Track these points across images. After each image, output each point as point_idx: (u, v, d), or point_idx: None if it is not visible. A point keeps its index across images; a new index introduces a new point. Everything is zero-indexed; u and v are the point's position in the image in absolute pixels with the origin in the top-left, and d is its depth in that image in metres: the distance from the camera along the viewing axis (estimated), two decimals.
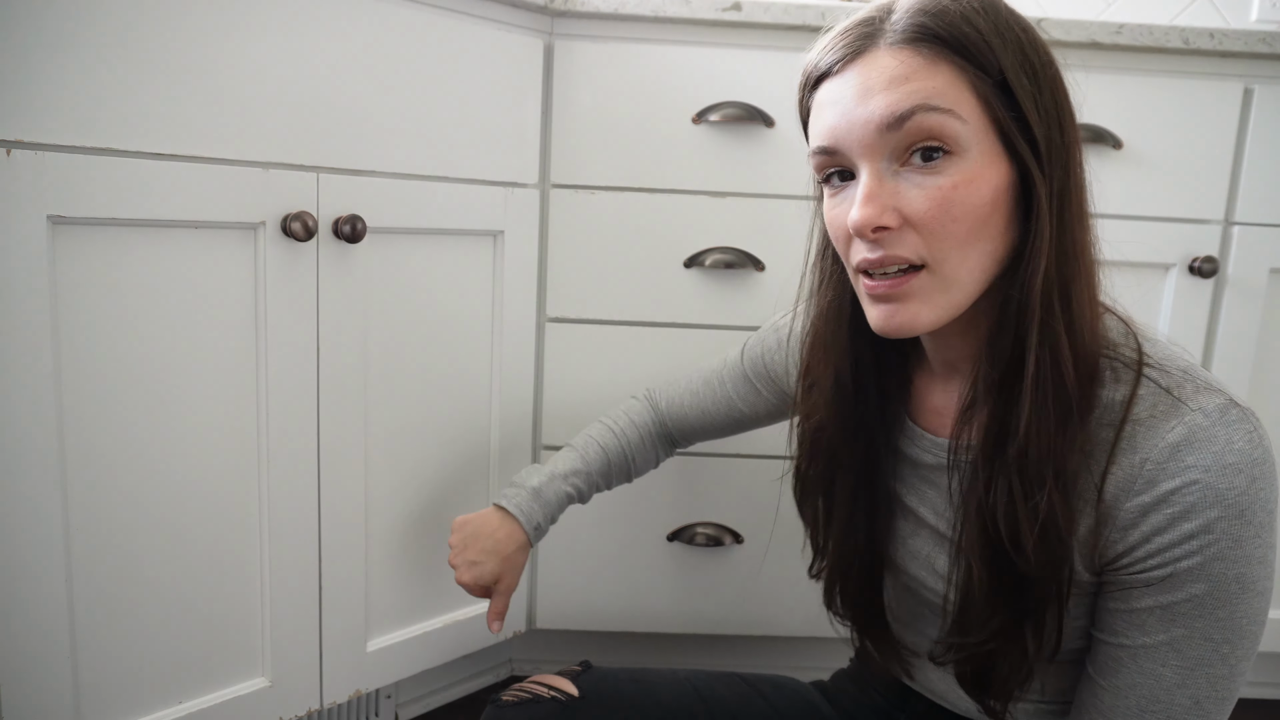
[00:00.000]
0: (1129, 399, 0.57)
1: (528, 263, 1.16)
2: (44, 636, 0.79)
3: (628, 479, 1.02)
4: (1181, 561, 0.55)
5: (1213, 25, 1.68)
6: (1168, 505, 0.55)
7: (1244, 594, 0.55)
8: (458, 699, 1.30)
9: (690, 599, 1.27)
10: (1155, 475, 0.55)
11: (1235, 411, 0.56)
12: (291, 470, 0.95)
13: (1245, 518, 0.54)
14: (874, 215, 0.56)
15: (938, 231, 0.56)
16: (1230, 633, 0.56)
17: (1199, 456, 0.54)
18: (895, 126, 0.55)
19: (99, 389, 0.81)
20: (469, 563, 0.92)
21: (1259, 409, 1.25)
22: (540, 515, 0.94)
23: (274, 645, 0.97)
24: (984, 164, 0.56)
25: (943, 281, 0.58)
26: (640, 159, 1.17)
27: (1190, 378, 0.58)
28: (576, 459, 0.97)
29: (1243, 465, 0.54)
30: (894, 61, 0.56)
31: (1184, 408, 0.56)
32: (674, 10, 1.13)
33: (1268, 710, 1.36)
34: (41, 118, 0.74)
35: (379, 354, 1.03)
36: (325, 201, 0.93)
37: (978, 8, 0.56)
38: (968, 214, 0.56)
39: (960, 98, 0.55)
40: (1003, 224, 0.57)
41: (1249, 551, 0.55)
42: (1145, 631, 0.58)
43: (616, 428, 1.00)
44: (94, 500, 0.82)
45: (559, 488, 0.95)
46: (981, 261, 0.58)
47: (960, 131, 0.55)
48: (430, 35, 1.00)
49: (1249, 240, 1.22)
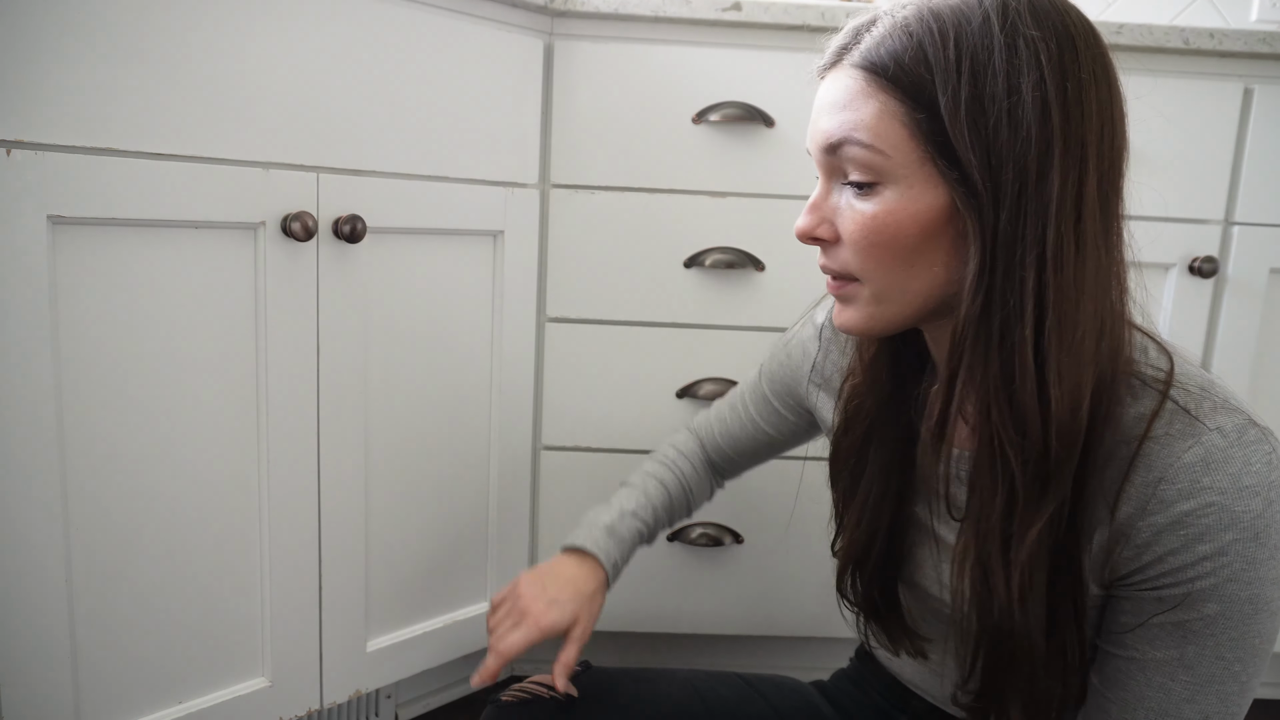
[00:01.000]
0: (1149, 417, 0.55)
1: (528, 263, 1.16)
2: (44, 636, 0.79)
3: (688, 513, 0.98)
4: (1196, 582, 0.55)
5: (1213, 25, 1.67)
6: (1183, 527, 0.54)
7: (1257, 614, 0.55)
8: (458, 699, 1.30)
9: (690, 599, 1.27)
10: (1171, 496, 0.54)
11: (1254, 432, 0.54)
12: (291, 470, 0.95)
13: (1260, 540, 0.53)
14: (809, 226, 0.59)
15: (863, 254, 0.58)
16: (1242, 651, 0.56)
17: (1215, 478, 0.53)
18: (832, 152, 0.58)
19: (99, 389, 0.81)
20: (549, 601, 0.81)
21: (1259, 408, 1.25)
22: (617, 553, 0.87)
23: (274, 645, 0.97)
24: (916, 194, 0.55)
25: (875, 296, 0.59)
26: (640, 159, 1.17)
27: (1208, 395, 0.56)
28: (639, 495, 0.92)
29: (1259, 488, 0.53)
30: (846, 83, 0.57)
31: (1201, 427, 0.54)
32: (674, 10, 1.13)
33: (1267, 710, 1.36)
34: (41, 118, 0.74)
35: (379, 354, 1.03)
36: (325, 201, 0.93)
37: (948, 32, 0.53)
38: (891, 241, 0.56)
39: (887, 131, 0.55)
40: (948, 248, 0.56)
41: (1263, 573, 0.54)
42: (1155, 646, 0.57)
43: (669, 461, 0.96)
44: (94, 500, 0.82)
45: (630, 524, 0.89)
46: (922, 285, 0.58)
47: (883, 165, 0.55)
48: (430, 35, 1.00)
49: (1249, 240, 1.22)
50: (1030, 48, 0.53)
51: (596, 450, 1.24)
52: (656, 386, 1.22)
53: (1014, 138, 0.53)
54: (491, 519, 1.19)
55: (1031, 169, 0.53)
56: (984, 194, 0.53)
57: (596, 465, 1.24)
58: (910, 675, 0.80)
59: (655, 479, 0.94)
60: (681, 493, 0.95)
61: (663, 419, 1.22)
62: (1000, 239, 0.54)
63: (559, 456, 1.24)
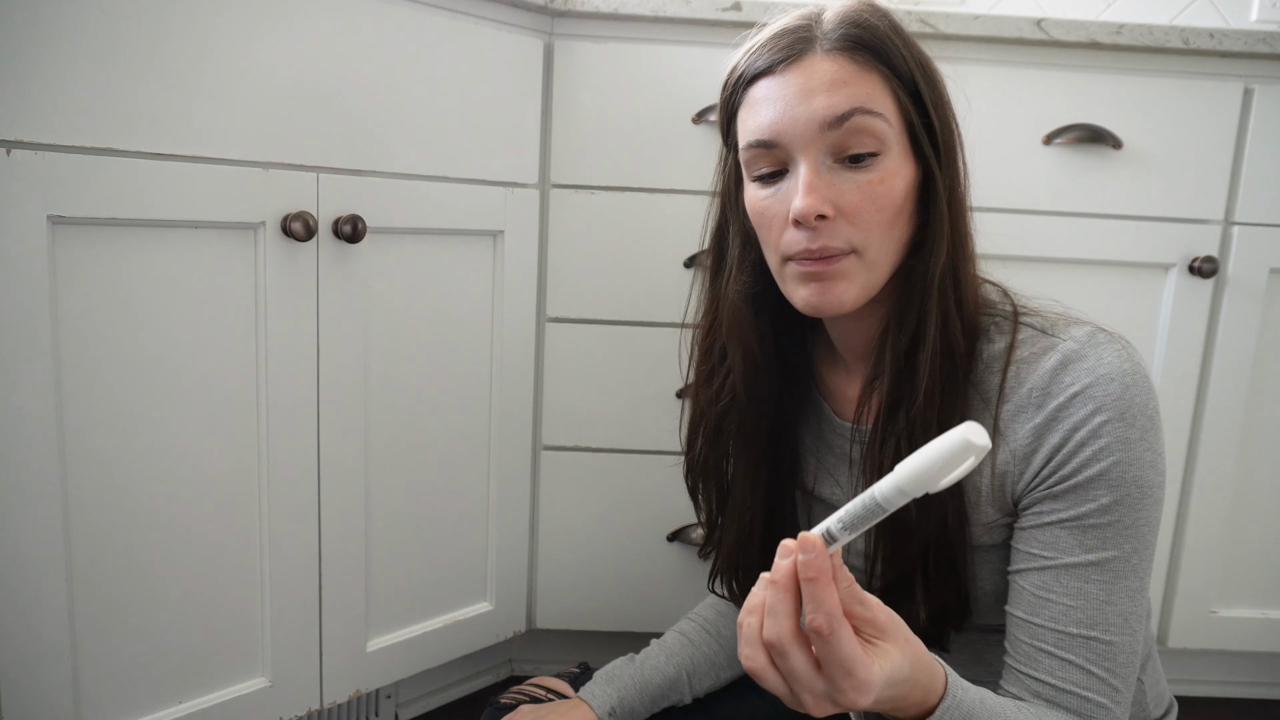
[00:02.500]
0: (1010, 344, 0.65)
1: (527, 263, 1.16)
2: (44, 636, 0.79)
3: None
4: (1083, 472, 0.61)
5: (1213, 25, 1.67)
6: (1056, 421, 0.62)
7: (1144, 499, 0.61)
8: (457, 699, 1.30)
9: (690, 599, 1.27)
10: (1041, 399, 0.62)
11: (1103, 335, 0.63)
12: (292, 470, 0.95)
13: (1128, 420, 0.61)
14: (816, 204, 0.62)
15: (865, 220, 0.62)
16: (1138, 541, 0.62)
17: (1074, 373, 0.61)
18: (835, 125, 0.61)
19: (99, 389, 0.81)
20: None
21: (1259, 409, 1.25)
22: (615, 697, 0.80)
23: (274, 645, 0.97)
24: (900, 163, 0.63)
25: (867, 265, 0.64)
26: (640, 159, 1.17)
27: (1062, 318, 0.65)
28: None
29: (1115, 375, 0.61)
30: (832, 66, 0.62)
31: (1056, 339, 0.63)
32: (674, 10, 1.13)
33: (1269, 710, 1.36)
34: (41, 118, 0.74)
35: (379, 353, 1.03)
36: (325, 201, 0.93)
37: (891, 23, 0.64)
38: (888, 205, 0.62)
39: (885, 103, 0.62)
40: (909, 215, 0.65)
41: (1139, 454, 0.61)
42: (1064, 550, 0.62)
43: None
44: (94, 500, 0.82)
45: (640, 668, 0.84)
46: (895, 247, 0.65)
47: (886, 133, 0.62)
48: (430, 35, 1.00)
49: (1249, 240, 1.22)
50: (916, 42, 0.66)
51: (596, 450, 1.24)
52: (656, 386, 1.22)
53: (946, 107, 0.66)
54: (491, 519, 1.19)
55: (957, 132, 0.67)
56: (943, 155, 0.65)
57: (596, 465, 1.24)
58: None
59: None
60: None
61: (663, 419, 1.22)
62: (949, 194, 0.65)
63: (559, 456, 1.24)
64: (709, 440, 0.78)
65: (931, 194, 0.64)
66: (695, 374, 0.78)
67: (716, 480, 0.79)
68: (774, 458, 0.76)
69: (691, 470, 0.81)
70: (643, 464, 1.24)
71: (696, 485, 0.81)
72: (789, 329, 0.74)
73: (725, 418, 0.75)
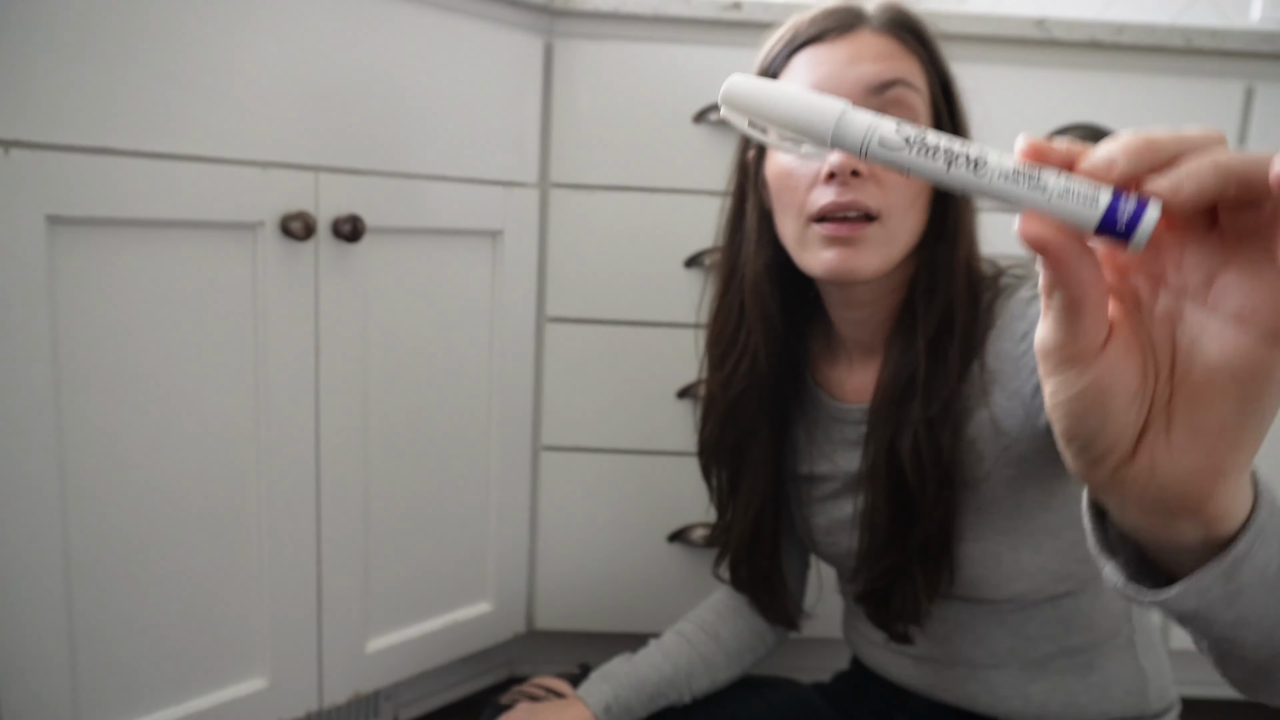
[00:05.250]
0: (993, 294, 0.69)
1: (527, 262, 1.16)
2: (44, 636, 0.79)
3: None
4: None
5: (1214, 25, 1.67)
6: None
7: None
8: (457, 700, 1.29)
9: (690, 599, 1.27)
10: (1023, 310, 0.65)
11: None
12: (291, 470, 0.95)
13: None
14: (854, 159, 0.63)
15: (893, 187, 0.64)
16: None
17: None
18: (878, 92, 0.65)
19: (98, 389, 0.81)
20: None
21: None
22: (610, 694, 0.79)
23: (273, 646, 0.97)
24: None
25: (889, 235, 0.65)
26: (640, 159, 1.17)
27: (1035, 266, 0.69)
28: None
29: None
30: (880, 41, 0.66)
31: (1029, 277, 0.68)
32: (674, 9, 1.13)
33: (1269, 711, 1.36)
34: (40, 117, 0.74)
35: (378, 353, 1.03)
36: (325, 201, 0.93)
37: (927, 22, 0.70)
38: (913, 180, 0.63)
39: (922, 85, 0.67)
40: (925, 202, 0.67)
41: None
42: None
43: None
44: (93, 500, 0.82)
45: (636, 665, 0.84)
46: (912, 226, 0.67)
47: (921, 111, 0.66)
48: (430, 34, 1.00)
49: None
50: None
51: (596, 450, 1.24)
52: (656, 386, 1.22)
53: (965, 108, 0.71)
54: (491, 519, 1.19)
55: (969, 132, 0.71)
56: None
57: (596, 465, 1.24)
58: (896, 674, 0.80)
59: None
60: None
61: (662, 419, 1.22)
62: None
63: (559, 456, 1.24)
64: (718, 424, 0.80)
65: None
66: (708, 357, 0.81)
67: (729, 461, 0.81)
68: (780, 440, 0.79)
69: (704, 450, 0.83)
70: (643, 464, 1.24)
71: (709, 465, 0.83)
72: (793, 319, 0.76)
73: (741, 397, 0.77)
